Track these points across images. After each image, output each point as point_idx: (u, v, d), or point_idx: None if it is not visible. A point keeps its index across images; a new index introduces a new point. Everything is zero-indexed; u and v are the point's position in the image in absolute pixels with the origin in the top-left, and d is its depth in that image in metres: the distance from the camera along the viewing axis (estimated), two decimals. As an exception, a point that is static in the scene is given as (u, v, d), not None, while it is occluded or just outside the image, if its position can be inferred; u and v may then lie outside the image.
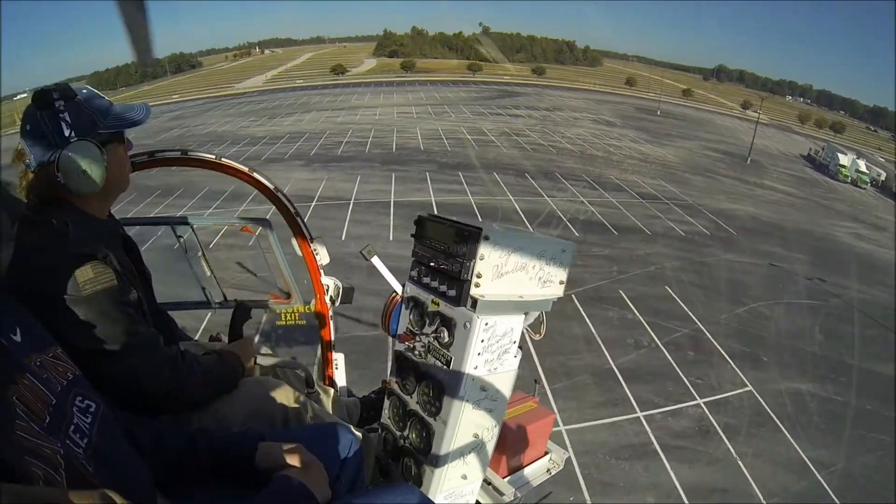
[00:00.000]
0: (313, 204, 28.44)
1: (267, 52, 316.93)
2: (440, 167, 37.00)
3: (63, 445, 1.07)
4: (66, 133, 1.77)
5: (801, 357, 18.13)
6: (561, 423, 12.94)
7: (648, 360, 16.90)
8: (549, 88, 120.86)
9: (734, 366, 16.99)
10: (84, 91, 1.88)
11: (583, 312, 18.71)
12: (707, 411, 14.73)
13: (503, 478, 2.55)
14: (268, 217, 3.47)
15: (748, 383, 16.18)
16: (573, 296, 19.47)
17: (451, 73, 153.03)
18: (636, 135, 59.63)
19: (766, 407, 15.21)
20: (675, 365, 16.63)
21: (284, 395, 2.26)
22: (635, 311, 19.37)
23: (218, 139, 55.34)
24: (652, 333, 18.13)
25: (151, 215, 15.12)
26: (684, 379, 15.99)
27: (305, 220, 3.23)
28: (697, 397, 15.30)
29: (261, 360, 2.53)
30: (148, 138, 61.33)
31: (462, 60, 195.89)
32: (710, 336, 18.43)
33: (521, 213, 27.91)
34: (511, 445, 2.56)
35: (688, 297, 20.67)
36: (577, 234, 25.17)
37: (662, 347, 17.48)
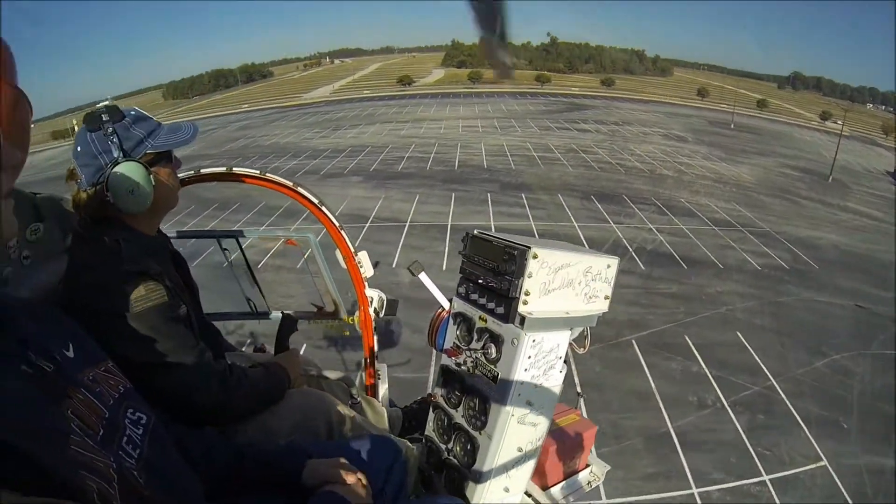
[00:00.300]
0: (367, 225, 28.12)
1: (336, 62, 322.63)
2: (502, 187, 36.08)
3: (116, 458, 1.09)
4: (115, 153, 1.84)
5: (888, 425, 15.28)
6: (603, 495, 11.75)
7: (711, 423, 15.05)
8: (618, 101, 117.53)
9: (809, 434, 14.71)
10: (132, 112, 1.95)
11: (642, 362, 17.12)
12: (772, 490, 12.90)
13: (544, 490, 2.56)
14: (312, 232, 3.55)
15: (823, 457, 13.93)
16: (634, 342, 18.00)
17: (519, 84, 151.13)
18: (708, 151, 56.60)
19: (842, 487, 13.11)
20: (741, 431, 14.70)
21: (329, 407, 2.31)
22: (701, 363, 17.36)
23: (280, 151, 56.48)
24: (718, 390, 16.21)
25: (207, 228, 14.87)
26: (750, 449, 14.04)
27: (357, 243, 3.29)
28: (763, 472, 13.39)
29: (306, 372, 2.62)
30: (213, 148, 63.90)
31: (531, 71, 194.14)
32: (783, 395, 16.14)
33: (584, 240, 25.73)
34: (553, 457, 2.55)
35: (761, 346, 18.43)
36: (643, 268, 23.66)
37: (728, 408, 15.53)
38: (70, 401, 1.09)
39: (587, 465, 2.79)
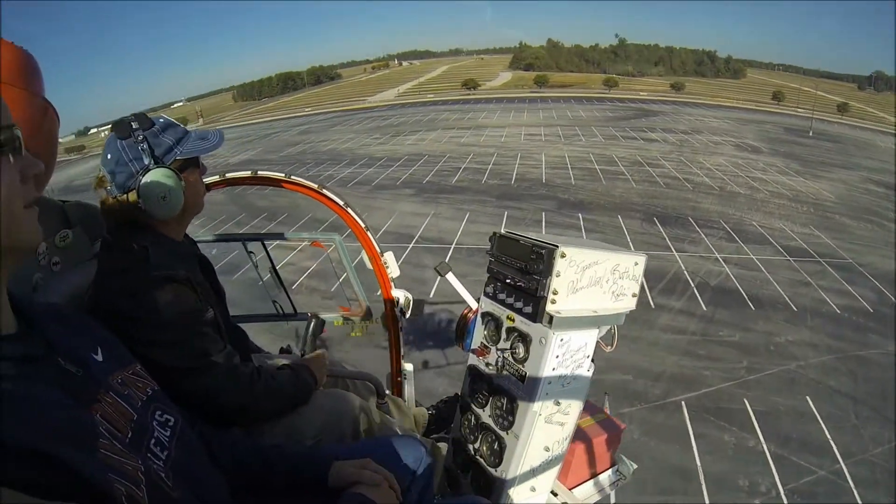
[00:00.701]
0: (410, 246, 26.78)
1: (405, 63, 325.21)
2: (559, 205, 34.14)
3: (144, 460, 1.12)
4: (146, 161, 1.88)
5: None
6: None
7: (762, 518, 12.00)
8: (688, 105, 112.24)
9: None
10: (161, 120, 1.98)
11: (690, 431, 14.15)
12: None
13: (570, 489, 2.50)
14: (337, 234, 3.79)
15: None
16: (683, 404, 15.22)
17: (586, 88, 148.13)
18: (784, 164, 51.50)
19: None
20: (795, 531, 11.66)
21: (355, 408, 2.35)
22: (759, 436, 14.04)
23: (337, 157, 56.16)
24: (775, 473, 12.90)
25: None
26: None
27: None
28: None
29: (332, 372, 2.63)
30: (273, 153, 66.46)
31: (598, 74, 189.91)
32: (851, 483, 12.66)
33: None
34: (579, 456, 2.48)
35: (833, 416, 14.85)
36: (704, 309, 20.64)
37: (784, 498, 12.28)
38: (99, 404, 1.11)
39: (613, 464, 2.70)
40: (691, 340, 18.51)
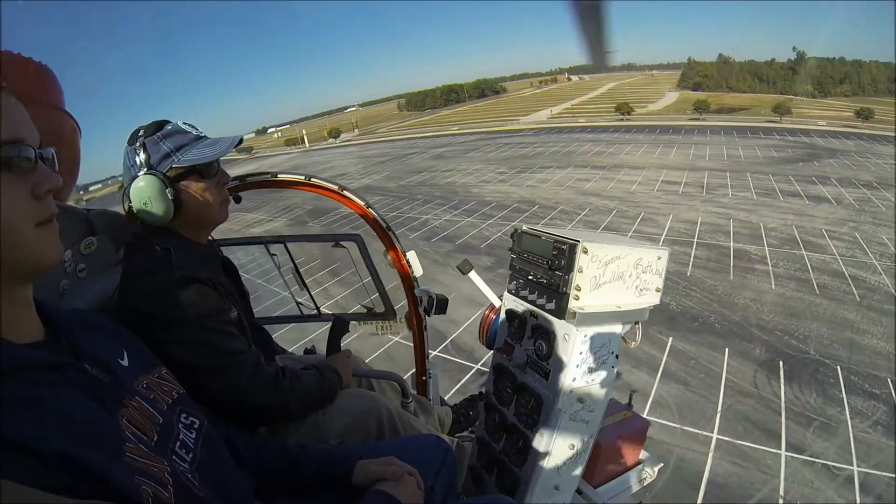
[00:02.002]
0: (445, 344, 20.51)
1: (574, 78, 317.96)
2: (670, 322, 23.16)
3: (170, 462, 1.14)
4: (139, 167, 1.91)
5: None
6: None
7: None
8: (876, 141, 79.88)
9: None
10: (169, 126, 1.97)
11: None
12: None
13: (595, 487, 2.51)
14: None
15: None
16: None
17: (754, 115, 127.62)
18: None
19: None
20: None
21: (380, 407, 2.37)
22: None
23: (446, 197, 53.11)
24: None
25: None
26: None
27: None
28: None
29: (358, 372, 2.68)
30: (393, 180, 68.86)
31: (773, 95, 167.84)
32: None
33: (718, 477, 14.29)
34: (604, 454, 2.50)
35: None
36: None
37: None
38: (125, 409, 1.14)
39: (639, 462, 2.68)
40: None
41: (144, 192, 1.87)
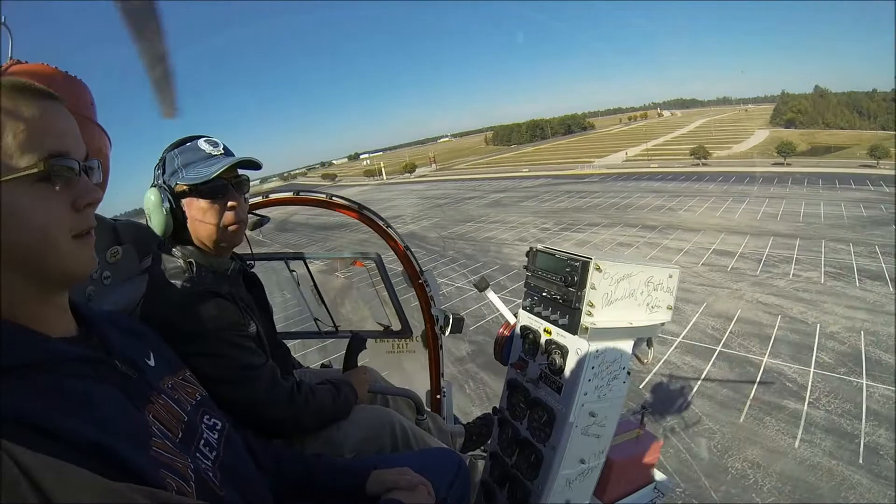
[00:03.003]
0: None
1: (666, 113, 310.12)
2: None
3: (193, 459, 1.19)
4: (155, 179, 2.02)
5: None
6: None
7: None
8: None
9: None
10: (189, 143, 2.04)
11: None
12: None
13: None
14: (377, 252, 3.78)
15: None
16: None
17: (847, 159, 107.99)
18: None
19: None
20: None
21: (394, 423, 2.40)
22: None
23: (479, 254, 49.33)
24: None
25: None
26: None
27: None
28: None
29: (374, 389, 2.74)
30: (436, 229, 66.21)
31: (874, 131, 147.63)
32: None
33: None
34: (616, 472, 2.50)
35: None
36: None
37: None
38: (152, 406, 1.20)
39: (652, 481, 2.70)
40: None
41: (147, 204, 1.96)
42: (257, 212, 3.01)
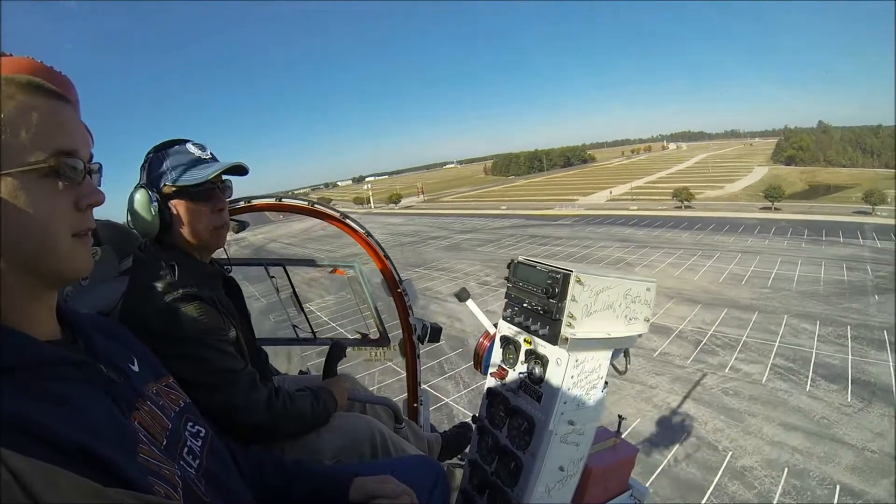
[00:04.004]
0: None
1: (672, 146, 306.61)
2: None
3: (179, 467, 1.18)
4: (137, 181, 2.01)
5: None
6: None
7: None
8: None
9: None
10: (177, 145, 2.04)
11: None
12: None
13: None
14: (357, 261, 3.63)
15: None
16: None
17: (841, 204, 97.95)
18: None
19: None
20: None
21: (373, 430, 2.39)
22: None
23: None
24: None
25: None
26: None
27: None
28: None
29: (353, 397, 2.73)
30: (371, 277, 50.99)
31: (878, 170, 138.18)
32: None
33: None
34: (593, 479, 2.43)
35: None
36: None
37: None
38: (137, 412, 1.18)
39: (628, 488, 2.63)
40: None
41: (132, 205, 1.94)
42: (239, 217, 2.99)
